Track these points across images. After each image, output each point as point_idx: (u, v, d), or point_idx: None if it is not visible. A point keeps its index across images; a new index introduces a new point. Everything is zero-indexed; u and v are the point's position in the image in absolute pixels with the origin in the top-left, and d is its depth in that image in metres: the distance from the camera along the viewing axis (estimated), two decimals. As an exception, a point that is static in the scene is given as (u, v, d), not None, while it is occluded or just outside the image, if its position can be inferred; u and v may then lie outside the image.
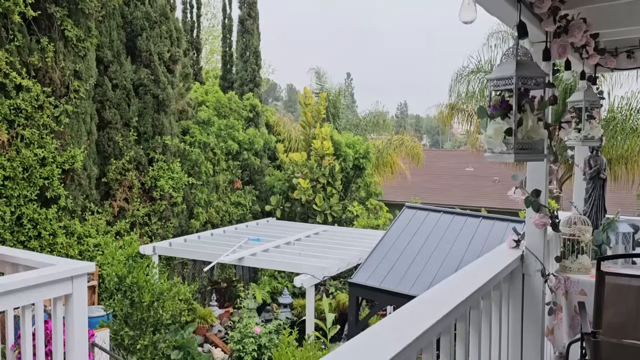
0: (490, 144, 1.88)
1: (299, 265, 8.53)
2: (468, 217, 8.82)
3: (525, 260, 2.61)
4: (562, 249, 3.56)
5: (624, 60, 3.87)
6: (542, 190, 2.55)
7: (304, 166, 12.50)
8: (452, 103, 14.92)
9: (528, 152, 1.84)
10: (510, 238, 2.73)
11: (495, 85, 1.91)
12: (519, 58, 1.84)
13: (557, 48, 2.43)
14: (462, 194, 20.44)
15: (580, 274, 3.46)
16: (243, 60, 13.41)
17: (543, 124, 1.91)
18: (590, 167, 3.96)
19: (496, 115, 1.88)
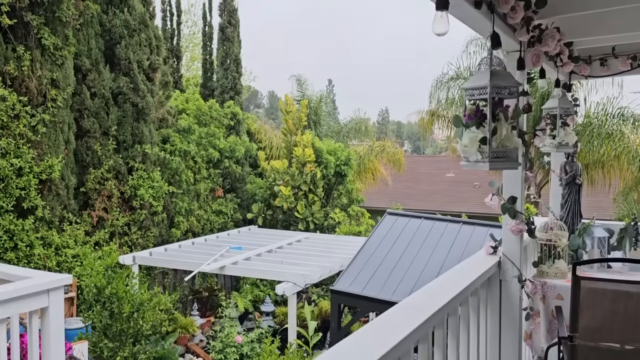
0: (465, 152, 1.90)
1: (280, 273, 8.50)
2: (449, 223, 8.89)
3: (502, 266, 2.64)
4: (539, 254, 3.60)
5: (597, 67, 3.96)
6: (518, 197, 2.59)
7: (285, 174, 12.49)
8: (433, 109, 15.07)
9: (503, 160, 1.87)
10: (488, 244, 2.76)
11: (470, 94, 1.93)
12: (493, 68, 1.87)
13: (531, 57, 2.47)
14: (443, 200, 20.62)
15: (557, 278, 3.51)
16: (224, 68, 13.38)
17: (517, 133, 1.94)
18: (566, 172, 4.03)
19: (471, 125, 1.90)
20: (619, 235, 3.91)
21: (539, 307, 3.45)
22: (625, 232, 3.87)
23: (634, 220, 3.87)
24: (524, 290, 2.76)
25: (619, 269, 3.90)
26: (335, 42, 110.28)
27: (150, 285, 9.78)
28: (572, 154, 4.01)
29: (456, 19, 1.90)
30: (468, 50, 14.26)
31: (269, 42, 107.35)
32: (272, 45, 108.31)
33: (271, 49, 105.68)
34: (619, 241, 3.90)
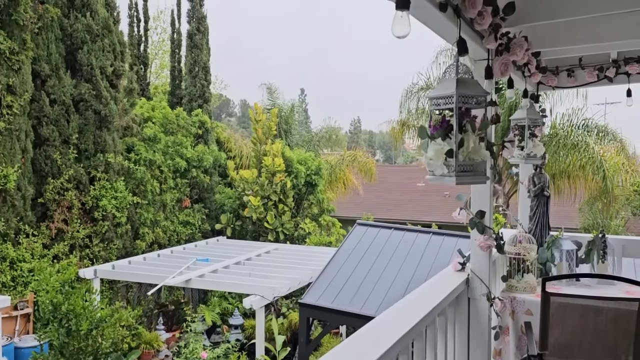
0: (431, 166, 1.78)
1: (248, 286, 8.28)
2: (418, 234, 8.83)
3: (470, 283, 2.53)
4: (508, 268, 3.52)
5: (564, 78, 3.93)
6: (486, 211, 2.49)
7: (254, 183, 12.28)
8: (403, 119, 15.09)
9: (470, 174, 1.76)
10: (456, 261, 2.65)
11: (435, 104, 1.82)
12: (460, 76, 1.76)
13: (499, 66, 2.38)
14: (414, 209, 20.65)
15: (526, 293, 3.43)
16: (192, 75, 13.12)
17: (485, 145, 1.83)
18: (534, 184, 3.98)
19: (437, 136, 1.78)
20: (586, 247, 3.86)
21: (508, 323, 3.36)
22: (593, 245, 3.82)
23: (601, 233, 3.83)
24: (493, 309, 2.66)
25: (587, 282, 3.85)
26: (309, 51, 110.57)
27: (113, 300, 9.42)
28: (540, 166, 3.96)
29: (420, 22, 1.79)
30: (438, 60, 14.36)
31: (242, 50, 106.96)
32: (245, 53, 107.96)
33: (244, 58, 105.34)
34: (587, 254, 3.85)
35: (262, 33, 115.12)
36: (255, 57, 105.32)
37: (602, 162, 12.48)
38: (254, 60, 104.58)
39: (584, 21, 3.07)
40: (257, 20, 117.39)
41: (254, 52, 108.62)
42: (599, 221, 13.53)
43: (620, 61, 3.76)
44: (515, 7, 2.18)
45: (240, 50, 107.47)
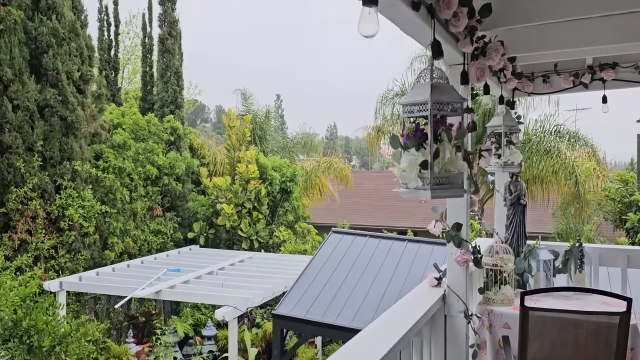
0: (404, 178, 1.64)
1: (221, 297, 8.05)
2: (394, 241, 8.73)
3: (447, 300, 2.40)
4: (485, 280, 3.41)
5: (540, 84, 3.86)
6: (463, 223, 2.37)
7: (228, 191, 12.04)
8: (379, 125, 15.05)
9: (446, 187, 1.63)
10: (431, 275, 2.52)
11: (408, 111, 1.68)
12: (435, 81, 1.63)
13: (475, 71, 2.27)
14: (390, 215, 20.63)
15: (504, 305, 3.33)
16: (164, 80, 12.83)
17: (462, 155, 1.70)
18: (511, 193, 3.89)
19: (410, 146, 1.65)
20: (564, 257, 3.78)
21: (485, 337, 3.24)
22: (570, 254, 3.75)
23: (578, 242, 3.76)
24: (471, 326, 2.54)
25: (564, 292, 3.77)
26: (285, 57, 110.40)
27: (80, 313, 9.08)
28: (517, 174, 3.88)
29: (390, 22, 1.65)
30: (413, 66, 14.36)
31: (217, 56, 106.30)
32: (220, 59, 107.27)
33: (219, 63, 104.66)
34: (564, 263, 3.78)
35: (238, 38, 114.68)
36: (230, 62, 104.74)
37: (575, 168, 12.61)
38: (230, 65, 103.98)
39: (560, 25, 2.99)
40: (232, 25, 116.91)
41: (230, 57, 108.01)
42: (572, 226, 13.66)
43: (595, 67, 3.71)
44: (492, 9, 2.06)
45: (216, 55, 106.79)
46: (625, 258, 3.90)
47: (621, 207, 11.53)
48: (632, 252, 3.97)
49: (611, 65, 3.66)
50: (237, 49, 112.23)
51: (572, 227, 13.61)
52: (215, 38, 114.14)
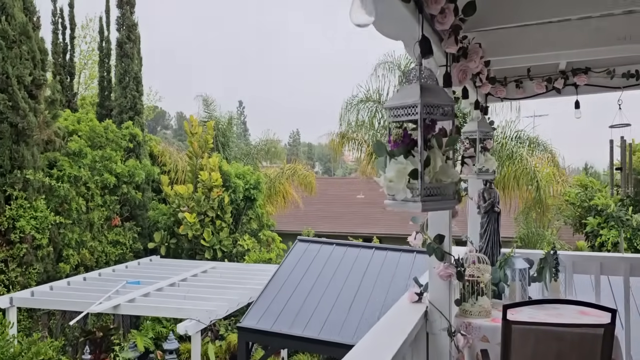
0: (391, 189, 1.48)
1: (183, 309, 7.75)
2: (361, 249, 8.62)
3: (429, 317, 2.26)
4: (461, 291, 3.29)
5: (513, 89, 3.80)
6: (445, 235, 2.23)
7: (190, 199, 11.69)
8: (343, 132, 14.96)
9: (437, 198, 1.48)
10: (412, 291, 2.37)
11: (394, 115, 1.53)
12: (423, 82, 1.49)
13: (457, 73, 2.15)
14: (355, 222, 20.58)
15: (481, 317, 3.21)
16: (122, 86, 12.38)
17: (452, 163, 1.56)
18: (485, 200, 3.80)
19: (397, 153, 1.49)
20: (538, 265, 3.71)
21: (463, 351, 3.11)
22: (545, 262, 3.68)
23: (552, 249, 3.70)
24: (454, 344, 2.40)
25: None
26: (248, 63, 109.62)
27: (32, 330, 8.57)
28: (491, 181, 3.80)
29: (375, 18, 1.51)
30: (377, 73, 14.35)
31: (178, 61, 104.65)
32: (182, 65, 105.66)
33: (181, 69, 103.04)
34: (539, 272, 3.70)
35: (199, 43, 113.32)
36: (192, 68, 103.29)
37: (536, 173, 12.83)
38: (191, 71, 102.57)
39: (537, 28, 2.91)
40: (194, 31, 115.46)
41: (191, 63, 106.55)
42: (534, 230, 13.90)
43: (568, 72, 3.67)
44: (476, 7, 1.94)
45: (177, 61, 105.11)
46: (598, 265, 3.87)
47: (581, 211, 11.78)
48: (605, 260, 3.94)
49: (584, 70, 3.63)
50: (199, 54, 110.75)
51: (533, 232, 13.84)
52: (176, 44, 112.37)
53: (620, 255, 3.90)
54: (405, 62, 14.38)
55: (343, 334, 6.60)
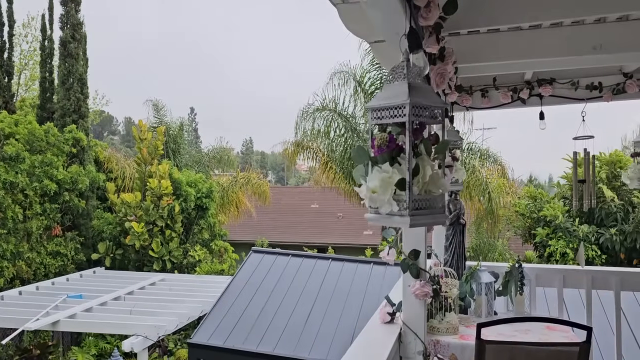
0: (374, 200, 1.29)
1: (129, 325, 7.32)
2: (317, 260, 8.42)
3: (403, 339, 2.08)
4: (428, 307, 3.14)
5: (478, 98, 3.72)
6: (421, 250, 2.06)
7: (138, 208, 11.16)
8: (298, 140, 14.78)
9: (426, 212, 1.30)
10: (384, 310, 2.19)
11: (378, 117, 1.34)
12: (411, 80, 1.31)
13: (435, 76, 1.99)
14: (309, 231, 20.39)
15: (449, 334, 3.08)
16: (65, 87, 11.72)
17: (442, 172, 1.39)
18: (450, 212, 3.69)
19: (382, 161, 1.30)
20: (504, 279, 3.62)
21: (432, 371, 2.95)
22: (510, 276, 3.59)
23: (517, 262, 3.62)
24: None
25: (504, 315, 3.61)
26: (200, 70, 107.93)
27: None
28: (456, 192, 3.69)
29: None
30: (332, 82, 14.28)
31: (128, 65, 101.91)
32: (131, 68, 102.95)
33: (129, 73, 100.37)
34: (505, 285, 3.61)
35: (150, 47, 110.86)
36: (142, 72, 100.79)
37: (487, 184, 13.04)
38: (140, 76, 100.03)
39: (508, 35, 2.83)
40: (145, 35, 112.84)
41: (141, 67, 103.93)
42: (485, 240, 14.11)
43: (533, 82, 3.62)
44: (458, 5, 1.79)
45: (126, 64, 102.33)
46: (561, 278, 3.82)
47: (530, 222, 12.03)
48: (567, 272, 3.91)
49: (549, 81, 3.60)
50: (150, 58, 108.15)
51: (485, 242, 14.06)
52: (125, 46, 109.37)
53: (582, 269, 3.88)
54: (361, 72, 14.40)
55: (299, 349, 6.36)
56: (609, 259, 10.92)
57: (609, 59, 2.98)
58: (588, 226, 11.10)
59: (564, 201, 12.12)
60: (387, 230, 2.18)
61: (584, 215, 11.33)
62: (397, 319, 2.20)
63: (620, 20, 2.80)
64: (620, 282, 3.75)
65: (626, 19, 2.79)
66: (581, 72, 3.63)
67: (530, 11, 2.54)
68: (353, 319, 6.74)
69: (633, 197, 11.05)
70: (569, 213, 11.71)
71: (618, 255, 10.91)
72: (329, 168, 14.26)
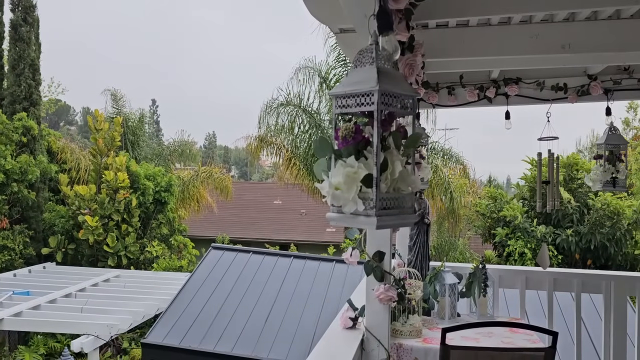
0: (338, 198, 1.16)
1: (79, 324, 7.02)
2: (279, 257, 8.28)
3: (366, 346, 1.96)
4: (392, 309, 3.03)
5: (445, 96, 3.65)
6: (386, 252, 1.94)
7: (92, 201, 10.73)
8: (261, 135, 14.54)
9: (395, 212, 1.16)
10: (345, 315, 2.06)
11: (342, 105, 1.20)
12: (381, 64, 1.17)
13: (404, 67, 1.88)
14: (271, 228, 20.18)
15: (412, 337, 2.98)
16: (16, 73, 11.13)
17: (412, 169, 1.27)
18: (415, 211, 3.59)
19: (346, 154, 1.17)
20: (467, 280, 3.56)
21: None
22: (474, 277, 3.53)
23: (481, 263, 3.56)
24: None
25: (467, 317, 3.55)
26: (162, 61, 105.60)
27: None
28: (421, 191, 3.60)
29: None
30: (297, 77, 14.10)
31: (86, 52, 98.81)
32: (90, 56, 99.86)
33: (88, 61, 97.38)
34: (468, 287, 3.55)
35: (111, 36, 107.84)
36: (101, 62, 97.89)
37: (450, 184, 13.14)
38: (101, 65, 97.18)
39: (477, 30, 2.75)
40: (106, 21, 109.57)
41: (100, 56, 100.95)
42: (446, 239, 14.24)
43: (500, 81, 3.57)
44: None
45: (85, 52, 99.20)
46: (524, 279, 3.80)
47: (490, 222, 12.18)
48: (529, 274, 3.88)
49: (515, 81, 3.55)
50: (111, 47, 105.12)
51: (446, 241, 14.18)
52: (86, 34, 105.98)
53: (544, 270, 3.86)
54: (326, 69, 14.27)
55: (259, 349, 6.21)
56: (565, 259, 11.17)
57: (575, 59, 2.94)
58: (546, 227, 11.32)
59: (523, 202, 12.33)
60: (350, 230, 2.06)
61: (542, 216, 11.54)
62: (360, 324, 2.07)
63: (589, 20, 2.76)
64: (581, 284, 3.74)
65: (594, 18, 2.75)
66: (547, 72, 3.60)
67: (501, 3, 2.47)
68: (314, 319, 6.63)
69: (588, 199, 11.32)
70: (527, 214, 11.92)
71: (573, 256, 11.17)
72: (293, 164, 14.10)
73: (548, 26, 2.74)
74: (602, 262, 11.15)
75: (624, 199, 11.44)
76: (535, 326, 2.44)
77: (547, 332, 2.33)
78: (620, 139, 3.64)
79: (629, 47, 2.77)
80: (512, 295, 4.41)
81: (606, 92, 3.59)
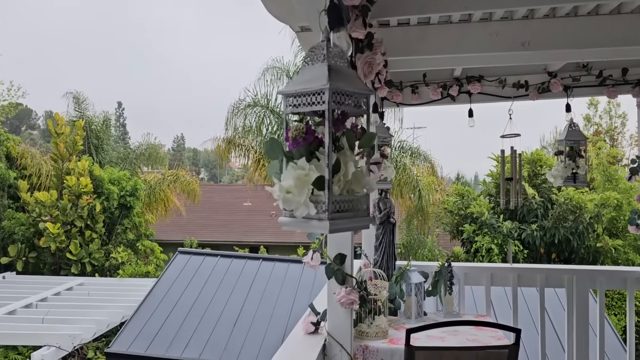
0: (289, 202, 1.11)
1: (40, 335, 6.79)
2: (247, 260, 8.19)
3: (328, 351, 1.91)
4: (357, 311, 3.00)
5: (409, 95, 3.64)
6: (347, 254, 1.89)
7: (54, 207, 10.40)
8: (229, 137, 14.37)
9: (349, 215, 1.12)
10: (307, 320, 2.01)
11: (293, 104, 1.15)
12: (333, 62, 1.13)
13: (363, 65, 1.84)
14: (240, 230, 19.98)
15: (378, 339, 2.95)
16: (-29, 76, 10.72)
17: (367, 169, 1.22)
18: (380, 210, 3.57)
19: (297, 155, 1.12)
20: (433, 279, 3.55)
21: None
22: (440, 275, 3.53)
23: (447, 261, 3.56)
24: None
25: (433, 316, 3.55)
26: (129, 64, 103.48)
27: None
28: (386, 190, 3.58)
29: None
30: (265, 77, 13.98)
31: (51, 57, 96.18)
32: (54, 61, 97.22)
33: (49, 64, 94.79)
34: (434, 285, 3.55)
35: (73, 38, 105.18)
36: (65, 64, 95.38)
37: (418, 182, 13.25)
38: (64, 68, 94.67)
39: (438, 28, 2.74)
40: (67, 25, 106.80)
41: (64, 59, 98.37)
42: (415, 237, 14.35)
43: (462, 79, 3.58)
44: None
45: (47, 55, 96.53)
46: (489, 276, 3.82)
47: (458, 219, 12.33)
48: (495, 270, 3.91)
49: (477, 79, 3.57)
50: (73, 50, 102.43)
51: (415, 239, 14.29)
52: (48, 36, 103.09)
53: (509, 266, 3.90)
54: (294, 69, 14.20)
55: (227, 354, 6.11)
56: (530, 254, 11.38)
57: (535, 56, 2.96)
58: (511, 222, 11.51)
59: (489, 198, 12.51)
60: (311, 233, 2.01)
61: (508, 212, 11.73)
62: (322, 329, 2.03)
63: (547, 17, 2.78)
64: (545, 279, 3.79)
65: (553, 15, 2.77)
66: (508, 70, 3.63)
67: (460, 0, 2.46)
68: (283, 322, 6.57)
69: (552, 195, 11.57)
70: (494, 210, 12.10)
71: (538, 250, 11.39)
72: (262, 165, 13.98)
73: (507, 24, 2.76)
74: (565, 256, 11.40)
75: (586, 194, 11.73)
76: (499, 324, 2.44)
77: (510, 329, 2.33)
78: (580, 134, 3.70)
79: (586, 44, 2.81)
80: (479, 291, 4.44)
81: (566, 89, 3.64)
